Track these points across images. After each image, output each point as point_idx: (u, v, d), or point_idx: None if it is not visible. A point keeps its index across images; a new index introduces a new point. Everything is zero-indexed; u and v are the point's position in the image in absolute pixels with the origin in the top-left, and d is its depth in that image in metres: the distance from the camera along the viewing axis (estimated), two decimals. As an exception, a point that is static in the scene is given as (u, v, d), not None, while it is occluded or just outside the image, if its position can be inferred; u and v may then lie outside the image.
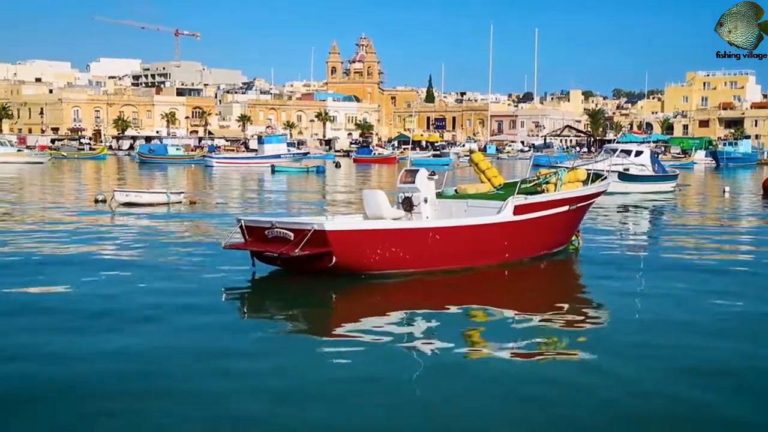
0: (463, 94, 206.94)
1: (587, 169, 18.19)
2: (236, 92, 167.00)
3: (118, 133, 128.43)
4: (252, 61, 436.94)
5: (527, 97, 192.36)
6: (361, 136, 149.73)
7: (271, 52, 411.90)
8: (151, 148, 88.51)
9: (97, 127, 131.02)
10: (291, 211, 27.66)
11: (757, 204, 33.78)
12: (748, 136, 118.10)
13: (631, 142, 50.12)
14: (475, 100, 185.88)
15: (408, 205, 15.35)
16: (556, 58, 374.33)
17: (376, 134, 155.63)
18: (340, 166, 73.89)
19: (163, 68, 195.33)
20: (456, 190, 16.91)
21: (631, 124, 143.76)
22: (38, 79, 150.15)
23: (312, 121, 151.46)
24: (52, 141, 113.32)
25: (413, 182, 15.32)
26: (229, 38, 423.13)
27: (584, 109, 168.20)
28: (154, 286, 12.93)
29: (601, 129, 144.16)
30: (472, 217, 15.00)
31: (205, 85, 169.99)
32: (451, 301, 12.24)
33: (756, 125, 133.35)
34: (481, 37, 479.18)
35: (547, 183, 16.52)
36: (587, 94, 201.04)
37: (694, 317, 11.34)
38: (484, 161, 17.85)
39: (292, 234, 13.03)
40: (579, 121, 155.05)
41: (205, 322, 10.60)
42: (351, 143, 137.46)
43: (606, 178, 18.55)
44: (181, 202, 28.69)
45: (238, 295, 12.74)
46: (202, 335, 9.93)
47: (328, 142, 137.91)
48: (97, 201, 29.10)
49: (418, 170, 15.56)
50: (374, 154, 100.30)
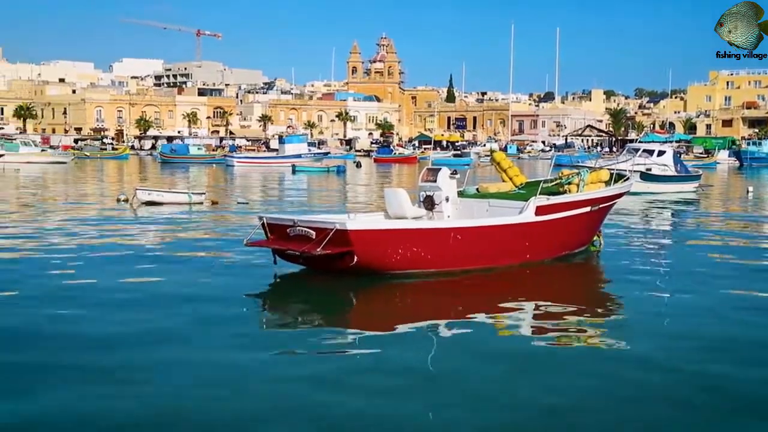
0: (483, 94, 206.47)
1: (610, 170, 18.09)
2: (257, 92, 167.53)
3: (140, 133, 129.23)
4: (273, 61, 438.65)
5: (548, 97, 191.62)
6: (381, 135, 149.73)
7: (292, 52, 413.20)
8: (173, 148, 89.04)
9: (119, 127, 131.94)
10: (312, 210, 27.70)
11: (782, 204, 33.45)
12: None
13: (654, 142, 49.84)
14: (496, 100, 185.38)
15: (429, 203, 15.34)
16: (578, 57, 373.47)
17: (397, 134, 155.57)
18: (361, 166, 73.89)
19: (185, 68, 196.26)
20: (477, 189, 16.89)
21: (654, 124, 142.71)
22: (62, 80, 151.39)
23: (333, 121, 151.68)
24: (75, 141, 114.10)
25: (435, 181, 15.31)
26: (251, 38, 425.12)
27: (606, 109, 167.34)
28: (174, 283, 13.00)
29: (623, 129, 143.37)
30: (494, 218, 14.96)
31: (227, 85, 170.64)
32: (472, 301, 12.22)
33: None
34: (502, 36, 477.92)
35: (570, 183, 16.45)
36: (609, 94, 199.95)
37: (717, 316, 11.27)
38: (505, 160, 17.80)
39: (314, 233, 13.05)
40: (600, 121, 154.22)
41: (226, 319, 10.65)
42: (371, 143, 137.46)
43: (629, 179, 18.43)
44: (203, 202, 28.82)
45: (258, 293, 12.74)
46: (223, 331, 9.98)
47: (349, 142, 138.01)
48: (119, 200, 29.29)
49: (440, 169, 15.55)
50: (395, 154, 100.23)
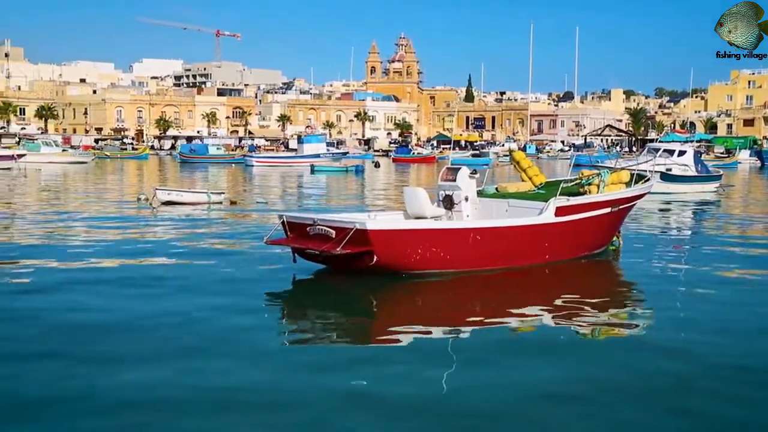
0: (502, 94, 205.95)
1: (630, 170, 17.98)
2: (276, 92, 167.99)
3: (160, 133, 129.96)
4: (292, 62, 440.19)
5: (567, 97, 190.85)
6: (400, 135, 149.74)
7: (310, 52, 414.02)
8: (192, 148, 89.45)
9: (139, 127, 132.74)
10: (331, 210, 27.74)
11: (804, 205, 33.16)
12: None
13: (674, 142, 49.43)
14: (515, 100, 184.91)
15: (449, 203, 15.32)
16: (597, 56, 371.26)
17: (415, 134, 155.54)
18: (379, 166, 73.91)
19: (204, 69, 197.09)
20: (497, 189, 16.85)
21: (674, 124, 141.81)
22: (83, 80, 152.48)
23: (351, 121, 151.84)
24: (96, 141, 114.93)
25: (454, 180, 15.30)
26: (270, 39, 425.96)
27: (626, 108, 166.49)
28: (193, 282, 13.06)
29: (643, 128, 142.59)
30: (514, 218, 14.92)
31: (246, 85, 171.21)
32: (491, 301, 12.21)
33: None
34: (521, 35, 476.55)
35: (590, 184, 16.37)
36: (629, 93, 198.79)
37: (737, 317, 11.19)
38: (525, 159, 17.76)
39: (334, 232, 13.07)
40: (620, 121, 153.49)
41: (245, 317, 10.69)
42: (390, 143, 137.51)
43: (649, 180, 18.31)
44: (222, 202, 28.93)
45: (278, 292, 12.77)
46: (241, 329, 10.01)
47: (367, 142, 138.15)
48: (139, 200, 29.48)
49: (459, 168, 15.53)
50: (413, 154, 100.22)
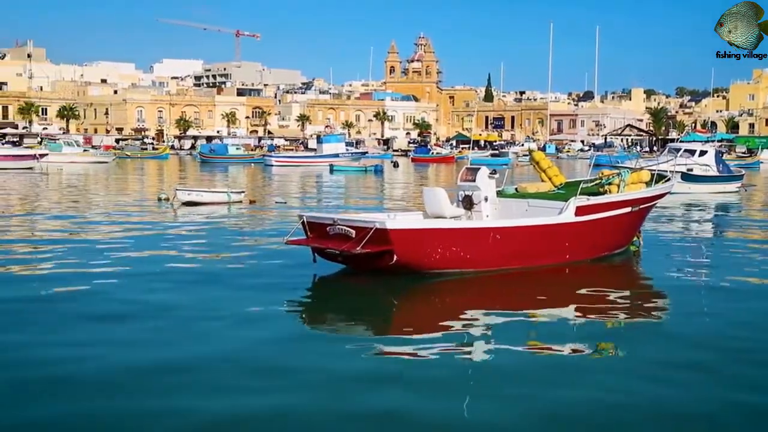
0: (522, 93, 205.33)
1: (651, 170, 17.91)
2: (295, 92, 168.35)
3: (180, 133, 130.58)
4: (311, 62, 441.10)
5: (587, 96, 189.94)
6: (419, 135, 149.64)
7: (330, 52, 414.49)
8: (212, 148, 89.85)
9: (159, 127, 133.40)
10: (350, 209, 27.82)
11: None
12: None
13: (695, 142, 49.06)
14: (535, 99, 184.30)
15: (468, 203, 15.32)
16: (618, 56, 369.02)
17: (434, 134, 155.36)
18: (398, 166, 73.89)
19: (224, 69, 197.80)
20: (516, 189, 16.84)
21: (695, 123, 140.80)
22: (104, 80, 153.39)
23: (370, 121, 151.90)
24: (117, 141, 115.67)
25: (474, 180, 15.29)
26: (289, 39, 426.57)
27: (646, 108, 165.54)
28: (214, 281, 13.14)
29: (664, 128, 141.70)
30: (534, 218, 14.91)
31: (265, 85, 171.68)
32: (511, 301, 12.21)
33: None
34: (541, 35, 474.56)
35: (610, 184, 16.33)
36: (649, 93, 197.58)
37: (760, 316, 11.15)
38: (545, 160, 17.72)
39: (353, 231, 13.10)
40: (641, 120, 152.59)
41: (265, 316, 10.75)
42: (409, 143, 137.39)
43: (670, 179, 18.24)
44: (241, 201, 29.06)
45: (298, 292, 12.82)
46: (262, 328, 10.08)
47: (386, 142, 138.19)
48: (160, 199, 29.66)
49: (479, 168, 15.52)
50: (432, 154, 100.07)
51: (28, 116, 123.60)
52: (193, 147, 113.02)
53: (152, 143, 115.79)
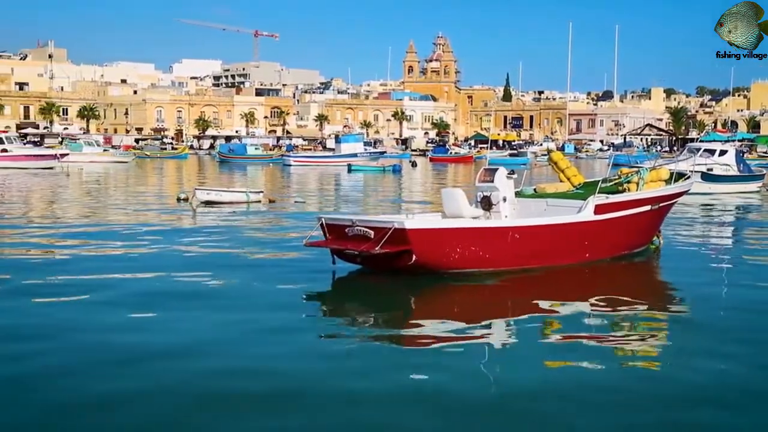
0: (540, 93, 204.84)
1: (669, 169, 17.84)
2: (314, 92, 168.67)
3: (199, 133, 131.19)
4: (330, 61, 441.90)
5: (607, 96, 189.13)
6: (437, 135, 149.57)
7: (348, 52, 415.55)
8: (231, 148, 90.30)
9: (179, 127, 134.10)
10: (368, 209, 27.86)
11: None
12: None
13: (715, 141, 48.87)
14: (553, 99, 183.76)
15: (487, 203, 15.29)
16: (637, 55, 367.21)
17: (453, 133, 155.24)
18: (417, 165, 73.86)
19: (243, 69, 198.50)
20: (535, 189, 16.80)
21: (715, 123, 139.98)
22: (123, 81, 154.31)
23: (388, 121, 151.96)
24: (136, 141, 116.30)
25: (492, 181, 15.24)
26: (308, 39, 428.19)
27: (666, 107, 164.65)
28: (235, 282, 13.18)
29: (684, 127, 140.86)
30: (552, 217, 14.88)
31: (284, 85, 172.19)
32: (530, 300, 12.18)
33: None
34: (560, 34, 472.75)
35: (629, 182, 16.27)
36: (669, 92, 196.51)
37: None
38: (563, 160, 17.67)
39: (372, 232, 13.12)
40: (660, 120, 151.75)
41: (286, 318, 10.76)
42: (427, 142, 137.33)
43: (689, 177, 18.15)
44: (260, 201, 29.17)
45: (318, 293, 12.87)
46: (281, 330, 10.11)
47: (405, 142, 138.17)
48: (179, 199, 29.80)
49: (497, 169, 15.47)
50: (450, 154, 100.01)
51: (49, 116, 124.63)
52: (212, 147, 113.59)
53: (171, 143, 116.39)
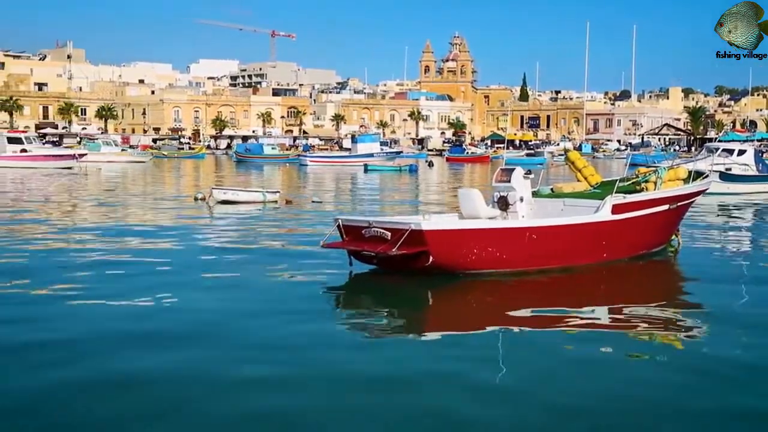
0: (557, 93, 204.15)
1: (688, 168, 17.73)
2: (330, 92, 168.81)
3: (216, 133, 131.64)
4: (346, 61, 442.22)
5: (624, 95, 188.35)
6: (453, 135, 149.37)
7: (364, 52, 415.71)
8: (248, 148, 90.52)
9: (196, 127, 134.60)
10: (385, 210, 27.87)
11: None
12: None
13: (734, 141, 48.39)
14: (570, 99, 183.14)
15: (503, 204, 15.26)
16: (655, 54, 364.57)
17: (469, 133, 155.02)
18: (433, 165, 73.79)
19: (260, 69, 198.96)
20: (552, 189, 16.74)
21: (734, 122, 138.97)
22: (141, 81, 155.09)
23: (405, 120, 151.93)
24: (154, 141, 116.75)
25: (509, 181, 15.20)
26: (324, 39, 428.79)
27: (684, 107, 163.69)
28: (252, 283, 13.21)
29: (702, 127, 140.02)
30: (570, 217, 14.83)
31: (300, 85, 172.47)
32: (548, 301, 12.16)
33: None
34: (577, 34, 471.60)
35: (647, 182, 16.19)
36: (687, 92, 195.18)
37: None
38: (580, 159, 17.62)
39: (389, 233, 13.11)
40: (678, 120, 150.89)
41: (303, 319, 10.77)
42: (444, 142, 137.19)
43: (707, 176, 18.05)
44: (277, 201, 29.23)
45: (335, 294, 12.89)
46: (300, 331, 10.13)
47: (421, 141, 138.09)
48: (196, 199, 29.92)
49: (514, 169, 15.44)
50: (467, 153, 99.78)
51: (68, 116, 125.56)
52: (229, 146, 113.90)
53: (189, 143, 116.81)
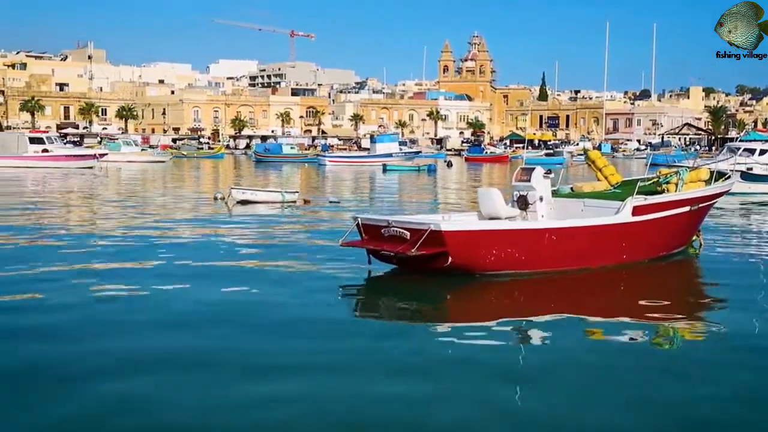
0: (577, 92, 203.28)
1: (709, 168, 17.58)
2: (349, 92, 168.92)
3: (236, 133, 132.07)
4: (365, 61, 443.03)
5: (644, 95, 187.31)
6: (472, 134, 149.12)
7: (383, 52, 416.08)
8: (267, 147, 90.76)
9: (215, 127, 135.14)
10: (404, 210, 27.84)
11: None
12: None
13: (755, 141, 47.98)
14: (590, 98, 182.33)
15: (523, 203, 15.20)
16: (675, 53, 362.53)
17: (488, 133, 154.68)
18: (452, 165, 73.66)
19: (279, 69, 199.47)
20: (572, 188, 16.66)
21: (756, 122, 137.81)
22: (161, 81, 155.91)
23: (424, 120, 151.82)
24: (173, 140, 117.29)
25: (529, 180, 15.15)
26: (343, 39, 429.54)
27: (705, 107, 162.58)
28: (272, 282, 13.24)
29: (723, 127, 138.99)
30: (590, 218, 14.74)
31: (319, 85, 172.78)
32: (567, 302, 12.10)
33: None
34: (597, 33, 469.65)
35: (668, 183, 16.06)
36: (708, 91, 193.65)
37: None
38: (601, 158, 17.53)
39: (408, 233, 13.08)
40: (699, 119, 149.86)
41: (321, 318, 10.80)
42: (462, 142, 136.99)
43: (729, 177, 17.88)
44: (296, 201, 29.26)
45: (353, 293, 12.90)
46: (318, 329, 10.14)
47: (440, 141, 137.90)
48: (215, 198, 30.03)
49: (534, 168, 15.37)
50: (486, 153, 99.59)
51: (89, 116, 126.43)
52: (248, 146, 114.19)
53: (208, 143, 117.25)
